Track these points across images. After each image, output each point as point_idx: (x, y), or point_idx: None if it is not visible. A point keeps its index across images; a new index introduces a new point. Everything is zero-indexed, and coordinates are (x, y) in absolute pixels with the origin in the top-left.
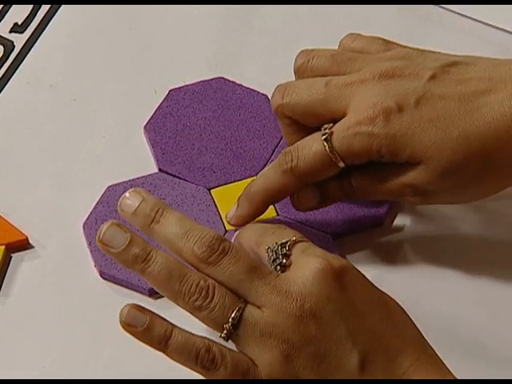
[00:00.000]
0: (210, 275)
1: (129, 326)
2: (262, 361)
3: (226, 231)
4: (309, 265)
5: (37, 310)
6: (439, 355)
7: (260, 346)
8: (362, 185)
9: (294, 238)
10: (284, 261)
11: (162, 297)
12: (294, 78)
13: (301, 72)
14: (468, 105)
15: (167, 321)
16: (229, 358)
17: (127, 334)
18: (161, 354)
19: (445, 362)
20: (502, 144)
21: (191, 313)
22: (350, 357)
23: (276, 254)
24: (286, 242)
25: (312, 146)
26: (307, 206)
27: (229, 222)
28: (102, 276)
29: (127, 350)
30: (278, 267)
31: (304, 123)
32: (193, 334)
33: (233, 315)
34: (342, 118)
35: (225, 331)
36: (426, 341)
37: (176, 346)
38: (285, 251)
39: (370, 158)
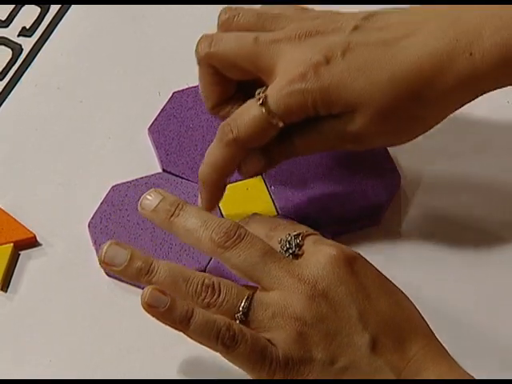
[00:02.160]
0: (226, 261)
1: (151, 306)
2: (277, 339)
3: None
4: (321, 252)
5: (44, 307)
6: None
7: (273, 325)
8: (302, 141)
9: (306, 231)
10: (297, 250)
11: None
12: None
13: (225, 27)
14: (392, 48)
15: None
16: (248, 336)
17: (131, 331)
18: (164, 349)
19: None
20: (429, 81)
21: None
22: (361, 337)
23: (289, 244)
24: (299, 234)
25: (249, 113)
26: (253, 171)
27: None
28: (106, 273)
29: (132, 346)
30: (291, 256)
31: (228, 75)
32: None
33: (242, 304)
34: (268, 76)
35: (237, 321)
36: (432, 331)
37: (197, 325)
38: (298, 242)
39: (307, 114)
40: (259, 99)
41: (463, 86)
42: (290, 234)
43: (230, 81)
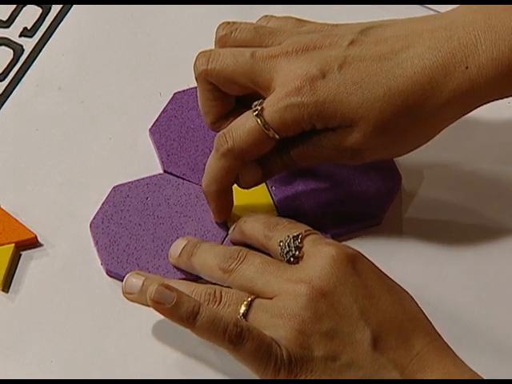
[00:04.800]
0: (232, 283)
1: (157, 303)
2: (278, 338)
3: (228, 229)
4: (321, 253)
5: (45, 307)
6: None
7: (272, 325)
8: (300, 155)
9: (305, 231)
10: (297, 253)
11: None
12: None
13: (223, 43)
14: (389, 63)
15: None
16: (255, 333)
17: (132, 331)
18: (167, 347)
19: None
20: (425, 96)
21: None
22: (363, 335)
23: (289, 246)
24: (298, 235)
25: (245, 124)
26: (251, 182)
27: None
28: (108, 274)
29: (133, 345)
30: (292, 259)
31: (226, 91)
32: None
33: (243, 307)
34: (265, 90)
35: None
36: (435, 330)
37: (204, 322)
38: (297, 244)
39: (303, 127)
40: (255, 111)
41: (459, 99)
42: (289, 236)
43: (229, 96)
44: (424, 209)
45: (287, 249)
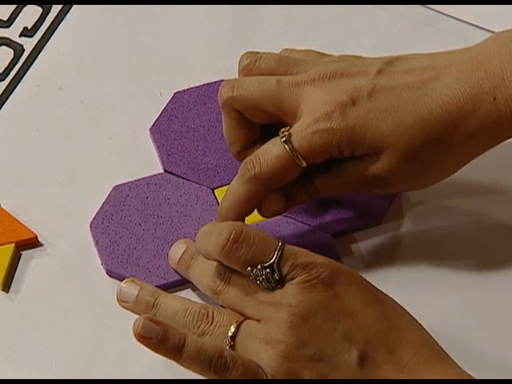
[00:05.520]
0: (222, 303)
1: (143, 337)
2: (264, 364)
3: None
4: (299, 278)
5: (45, 307)
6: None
7: (258, 351)
8: (324, 184)
9: (276, 254)
10: (275, 285)
11: None
12: None
13: (246, 72)
14: (418, 91)
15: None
16: (240, 362)
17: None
18: None
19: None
20: (454, 125)
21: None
22: (349, 355)
23: (267, 280)
24: (272, 265)
25: (273, 150)
26: (274, 210)
27: None
28: (108, 274)
29: (133, 345)
30: (268, 286)
31: (251, 118)
32: (204, 343)
33: (232, 329)
34: (291, 118)
35: (227, 345)
36: (426, 333)
37: (190, 354)
38: (276, 276)
39: (330, 154)
40: (283, 137)
41: (487, 129)
42: (260, 269)
43: (254, 125)
44: (424, 209)
45: (263, 278)
